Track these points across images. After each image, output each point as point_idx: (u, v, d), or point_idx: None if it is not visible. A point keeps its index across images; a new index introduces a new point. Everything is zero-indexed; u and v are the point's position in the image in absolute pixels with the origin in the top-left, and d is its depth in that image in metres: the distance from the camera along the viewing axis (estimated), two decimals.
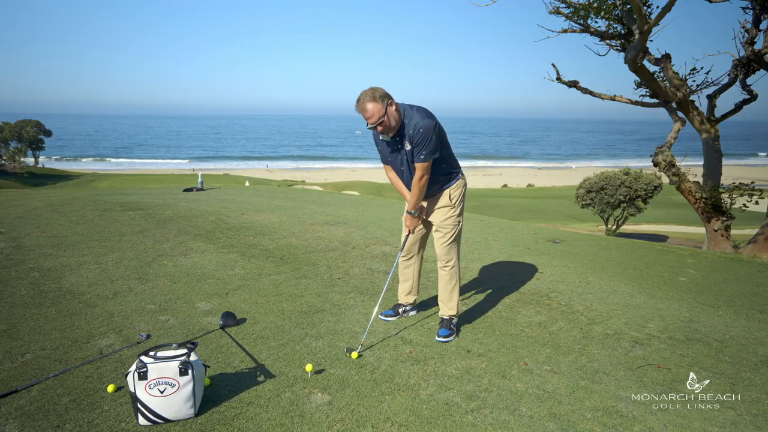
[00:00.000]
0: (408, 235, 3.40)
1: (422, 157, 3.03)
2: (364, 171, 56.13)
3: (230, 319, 3.39)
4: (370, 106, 2.92)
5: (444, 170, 3.25)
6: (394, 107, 3.00)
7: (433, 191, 3.29)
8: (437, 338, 3.28)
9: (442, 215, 3.30)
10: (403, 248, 3.46)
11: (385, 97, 2.95)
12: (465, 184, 3.39)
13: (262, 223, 6.68)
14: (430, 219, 3.37)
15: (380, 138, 3.22)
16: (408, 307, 3.67)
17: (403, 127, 3.07)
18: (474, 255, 5.61)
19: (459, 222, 3.33)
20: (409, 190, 3.25)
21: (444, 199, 3.29)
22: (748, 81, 9.02)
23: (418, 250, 3.55)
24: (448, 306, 3.39)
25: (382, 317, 3.59)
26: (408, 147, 3.09)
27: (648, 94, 9.30)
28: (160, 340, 3.11)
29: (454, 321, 3.40)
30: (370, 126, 3.00)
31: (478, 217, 9.09)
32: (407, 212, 3.28)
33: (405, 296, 3.64)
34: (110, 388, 2.51)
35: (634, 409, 2.55)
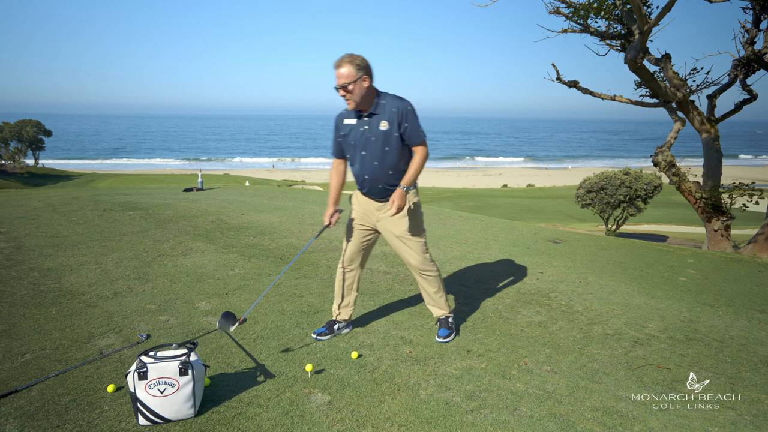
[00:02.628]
0: (326, 227, 3.16)
1: (422, 134, 2.95)
2: None
3: (230, 320, 3.39)
4: (345, 69, 2.80)
5: (406, 170, 3.02)
6: (366, 83, 2.85)
7: (389, 191, 3.04)
8: (437, 339, 3.23)
9: (402, 224, 3.06)
10: (318, 235, 3.28)
11: (362, 69, 2.81)
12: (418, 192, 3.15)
13: (262, 223, 6.68)
14: (387, 228, 3.11)
15: (345, 122, 3.03)
16: (342, 324, 3.34)
17: (378, 107, 2.91)
18: (474, 255, 5.61)
19: (422, 231, 3.13)
20: (364, 179, 3.03)
21: (405, 207, 3.02)
22: (748, 81, 9.01)
23: (361, 262, 3.27)
24: (439, 307, 3.30)
25: (315, 336, 3.25)
26: (384, 127, 2.90)
27: (648, 94, 9.29)
28: (160, 340, 3.11)
29: (450, 319, 3.34)
30: (335, 86, 2.85)
31: (478, 217, 9.09)
32: (401, 187, 2.93)
33: (340, 311, 3.32)
34: (110, 388, 2.51)
35: (634, 409, 2.55)
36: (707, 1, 8.45)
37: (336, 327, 3.32)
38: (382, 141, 2.94)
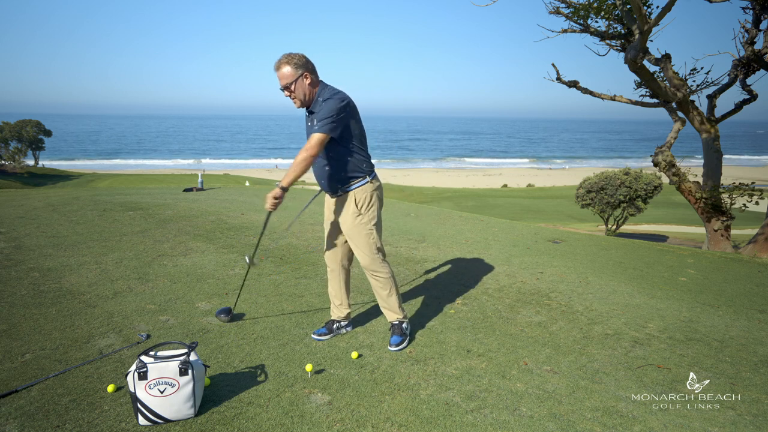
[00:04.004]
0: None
1: (317, 127, 2.79)
2: None
3: (224, 314, 3.40)
4: (284, 70, 2.81)
5: (348, 166, 2.95)
6: (308, 80, 2.83)
7: (333, 188, 3.03)
8: (390, 347, 3.10)
9: (349, 222, 3.02)
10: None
11: (302, 67, 2.81)
12: (377, 188, 3.08)
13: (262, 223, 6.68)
14: (340, 224, 3.11)
15: (305, 115, 3.04)
16: (342, 323, 3.33)
17: (316, 104, 2.88)
18: (474, 255, 5.61)
19: (371, 231, 3.03)
20: (314, 173, 3.05)
21: (350, 204, 3.01)
22: (748, 81, 9.01)
23: (341, 261, 3.23)
24: (393, 311, 3.19)
25: (315, 336, 3.24)
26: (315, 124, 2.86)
27: (648, 94, 9.29)
28: (160, 341, 3.11)
29: (404, 325, 3.21)
30: (280, 87, 2.87)
31: (478, 217, 9.09)
32: (277, 185, 2.85)
33: (335, 311, 3.33)
34: (110, 388, 2.51)
35: (634, 409, 2.55)
36: (707, 1, 8.45)
37: (335, 326, 3.31)
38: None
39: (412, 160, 71.26)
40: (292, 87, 2.83)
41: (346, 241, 3.18)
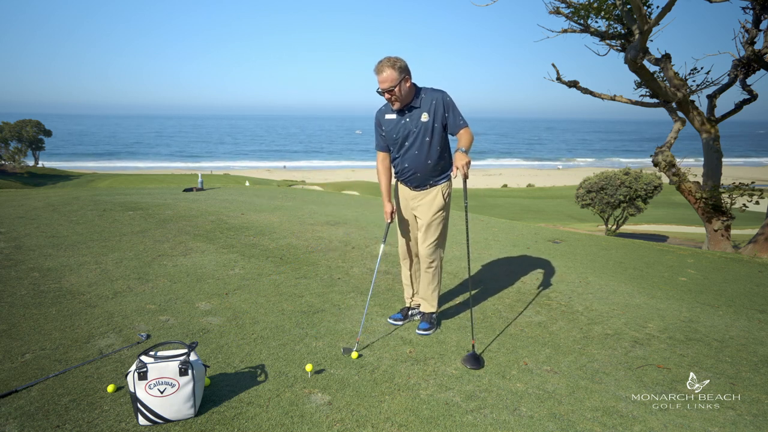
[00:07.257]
0: (389, 224, 3.36)
1: (462, 122, 3.10)
2: (364, 171, 56.15)
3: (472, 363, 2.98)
4: (387, 73, 2.96)
5: (444, 162, 3.25)
6: (408, 84, 3.03)
7: (425, 181, 3.24)
8: (418, 331, 3.36)
9: (433, 212, 3.26)
10: (385, 238, 3.40)
11: (404, 71, 2.99)
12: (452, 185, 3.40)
13: (262, 223, 6.68)
14: (418, 214, 3.32)
15: (386, 117, 3.21)
16: (416, 310, 3.62)
17: (418, 101, 3.10)
18: (474, 255, 5.61)
19: (447, 223, 3.35)
20: (405, 167, 3.23)
21: (437, 197, 3.26)
22: (748, 81, 9.01)
23: (415, 252, 3.49)
24: (430, 303, 3.43)
25: (391, 321, 3.54)
26: (425, 119, 3.09)
27: (648, 94, 9.29)
28: (160, 341, 3.11)
29: (434, 316, 3.47)
30: (378, 90, 3.03)
31: (478, 217, 9.09)
32: (461, 150, 2.92)
33: (412, 299, 3.61)
34: (110, 388, 2.51)
35: (634, 409, 2.55)
36: (707, 1, 8.45)
37: (410, 313, 3.57)
38: (422, 132, 3.13)
39: None
40: (396, 90, 2.99)
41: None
